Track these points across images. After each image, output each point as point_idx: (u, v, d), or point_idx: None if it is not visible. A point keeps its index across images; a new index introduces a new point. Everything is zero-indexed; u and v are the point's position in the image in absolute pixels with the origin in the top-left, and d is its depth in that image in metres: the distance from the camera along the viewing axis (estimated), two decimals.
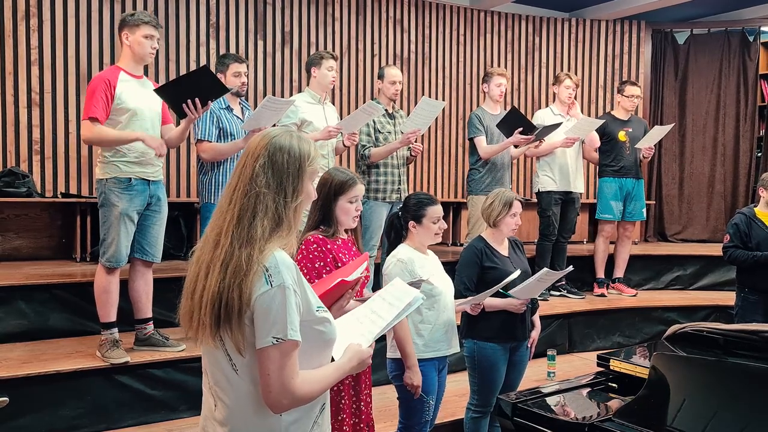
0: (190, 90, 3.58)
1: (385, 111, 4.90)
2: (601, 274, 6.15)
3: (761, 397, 2.13)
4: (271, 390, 1.56)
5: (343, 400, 2.66)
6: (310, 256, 2.62)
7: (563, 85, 5.79)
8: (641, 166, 6.05)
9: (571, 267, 3.82)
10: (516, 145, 5.36)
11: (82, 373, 3.60)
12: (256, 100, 6.26)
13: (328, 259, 2.63)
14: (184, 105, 3.56)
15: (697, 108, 8.25)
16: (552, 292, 5.94)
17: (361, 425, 2.74)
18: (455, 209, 7.15)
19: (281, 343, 1.55)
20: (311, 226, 2.72)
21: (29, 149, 5.52)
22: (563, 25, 8.07)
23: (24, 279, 4.27)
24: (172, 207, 4.73)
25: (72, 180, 5.67)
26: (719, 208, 8.20)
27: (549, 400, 2.68)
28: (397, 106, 5.17)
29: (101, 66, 5.72)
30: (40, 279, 4.32)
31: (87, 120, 3.59)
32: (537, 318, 3.62)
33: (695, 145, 8.28)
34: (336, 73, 4.69)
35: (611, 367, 2.90)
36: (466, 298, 3.27)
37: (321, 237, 2.67)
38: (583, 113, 6.27)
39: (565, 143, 5.55)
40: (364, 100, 6.94)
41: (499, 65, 7.65)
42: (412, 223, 3.13)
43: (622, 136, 5.94)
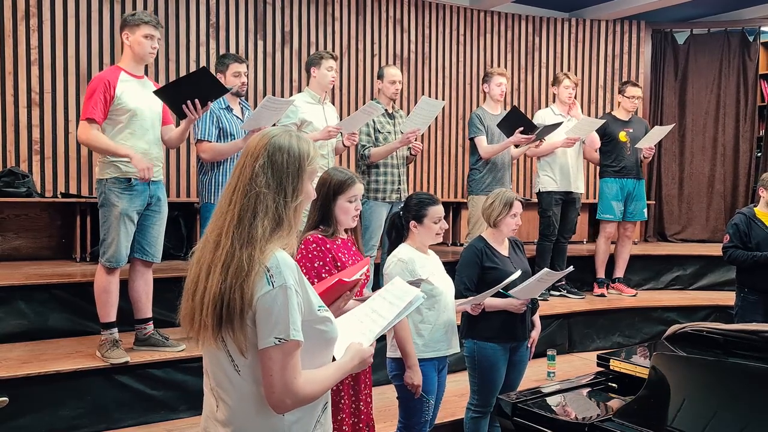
0: (189, 91, 3.59)
1: (385, 111, 4.89)
2: (601, 274, 6.15)
3: (761, 397, 2.13)
4: (274, 390, 1.56)
5: (342, 400, 2.66)
6: (310, 255, 2.62)
7: (562, 85, 5.79)
8: (642, 166, 6.05)
9: (571, 267, 3.82)
10: (517, 145, 5.37)
11: (82, 373, 3.60)
12: (256, 100, 6.25)
13: (328, 259, 2.63)
14: (183, 106, 3.58)
15: (696, 108, 8.25)
16: (552, 292, 5.94)
17: (361, 425, 2.73)
18: (455, 209, 7.15)
19: (284, 343, 1.54)
20: (311, 226, 2.72)
21: (29, 149, 5.52)
22: (563, 25, 8.07)
23: (24, 279, 4.27)
24: (172, 207, 4.73)
25: (72, 180, 5.67)
26: (719, 208, 8.20)
27: (549, 400, 2.68)
28: (396, 106, 5.17)
29: (101, 66, 5.72)
30: (39, 279, 4.32)
31: (84, 121, 3.59)
32: (537, 318, 3.62)
33: (695, 145, 8.28)
34: (336, 73, 4.70)
35: (611, 367, 2.90)
36: (467, 298, 3.27)
37: (320, 237, 2.66)
38: (583, 113, 6.27)
39: (566, 143, 5.55)
40: (364, 100, 6.94)
41: (499, 65, 7.65)
42: (413, 222, 3.12)
43: (622, 136, 5.94)
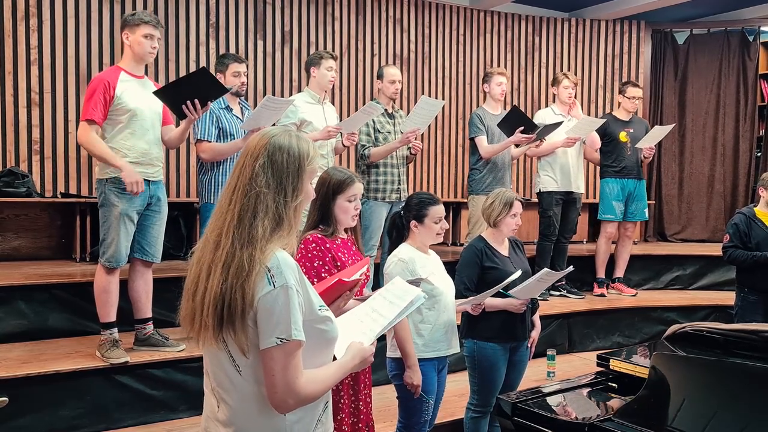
0: (189, 91, 3.59)
1: (385, 111, 4.89)
2: (601, 274, 6.15)
3: (761, 397, 2.13)
4: (276, 390, 1.56)
5: (342, 400, 2.66)
6: (309, 255, 2.62)
7: (562, 85, 5.79)
8: (642, 166, 6.05)
9: (571, 267, 3.82)
10: (517, 145, 5.37)
11: (82, 373, 3.60)
12: (256, 99, 6.25)
13: (327, 259, 2.63)
14: (183, 106, 3.58)
15: (696, 108, 8.25)
16: (552, 292, 5.94)
17: (360, 425, 2.73)
18: (455, 209, 7.15)
19: (285, 343, 1.54)
20: (310, 226, 2.72)
21: (29, 149, 5.52)
22: (563, 25, 8.07)
23: (23, 279, 4.26)
24: (172, 207, 4.72)
25: (71, 180, 5.67)
26: (719, 207, 8.20)
27: (549, 400, 2.68)
28: (396, 105, 5.17)
29: (101, 66, 5.72)
30: (39, 279, 4.31)
31: (84, 122, 3.60)
32: (537, 318, 3.62)
33: (695, 145, 8.28)
34: (335, 73, 4.69)
35: (611, 367, 2.90)
36: (467, 298, 3.27)
37: (320, 236, 2.66)
38: (583, 113, 6.27)
39: (566, 143, 5.54)
40: (364, 100, 6.94)
41: (499, 65, 7.65)
42: (413, 222, 3.12)
43: (623, 136, 5.94)
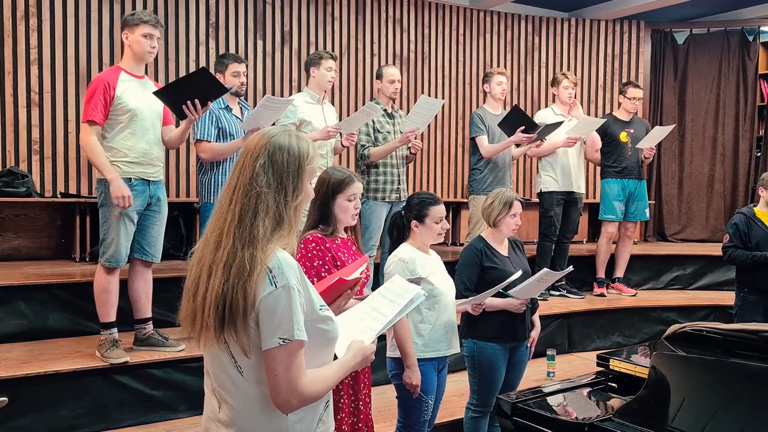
0: (189, 91, 3.59)
1: (384, 111, 4.89)
2: (601, 273, 6.15)
3: (761, 397, 2.13)
4: (279, 391, 1.56)
5: (342, 400, 2.66)
6: (309, 255, 2.62)
7: (562, 85, 5.79)
8: (642, 166, 6.05)
9: (571, 267, 3.82)
10: (518, 145, 5.36)
11: (82, 373, 3.60)
12: (256, 99, 6.25)
13: (327, 258, 2.63)
14: (183, 106, 3.57)
15: (696, 108, 8.25)
16: (552, 292, 5.94)
17: (360, 425, 2.73)
18: (455, 209, 7.15)
19: (288, 343, 1.54)
20: (310, 225, 2.72)
21: (28, 149, 5.52)
22: (563, 25, 8.07)
23: (23, 279, 4.26)
24: (172, 207, 4.72)
25: (71, 180, 5.67)
26: (719, 207, 8.20)
27: (549, 400, 2.68)
28: (396, 105, 5.17)
29: (101, 66, 5.72)
30: (39, 279, 4.31)
31: (85, 123, 3.60)
32: (537, 318, 3.62)
33: (695, 145, 8.28)
34: (335, 73, 4.69)
35: (611, 367, 2.90)
36: (466, 298, 3.27)
37: (320, 236, 2.66)
38: (583, 113, 6.26)
39: (567, 143, 5.54)
40: (364, 100, 6.94)
41: (498, 65, 7.65)
42: (414, 222, 3.12)
43: (623, 136, 5.94)
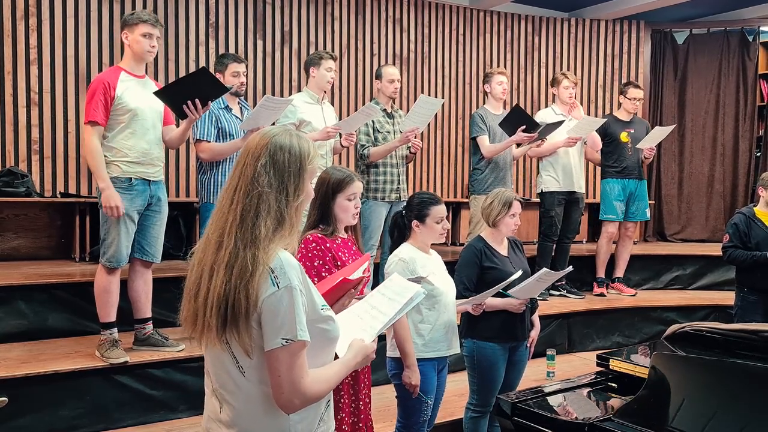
0: (189, 91, 3.58)
1: (384, 110, 4.89)
2: (601, 273, 6.14)
3: (761, 397, 2.13)
4: (282, 391, 1.56)
5: (342, 399, 2.66)
6: (310, 255, 2.62)
7: (562, 86, 5.78)
8: (642, 166, 6.05)
9: (570, 267, 3.82)
10: (518, 144, 5.36)
11: (82, 373, 3.60)
12: (255, 99, 6.25)
13: (327, 258, 2.64)
14: (184, 106, 3.57)
15: (696, 108, 8.25)
16: (552, 292, 5.93)
17: (360, 424, 2.74)
18: (455, 209, 7.15)
19: (291, 344, 1.54)
20: (310, 225, 2.72)
21: (28, 149, 5.52)
22: (563, 24, 8.07)
23: (23, 279, 4.26)
24: (172, 207, 4.70)
25: (71, 180, 5.67)
26: (718, 207, 8.20)
27: (549, 400, 2.68)
28: (396, 105, 5.17)
29: (101, 66, 5.72)
30: (39, 279, 4.31)
31: (87, 125, 3.60)
32: (536, 318, 3.62)
33: (694, 145, 8.28)
34: (334, 73, 4.69)
35: (611, 367, 2.90)
36: (466, 298, 3.27)
37: (320, 236, 2.67)
38: (584, 114, 6.26)
39: (567, 143, 5.54)
40: (363, 100, 6.94)
41: (498, 65, 7.65)
42: (415, 222, 3.12)
43: (624, 136, 5.94)
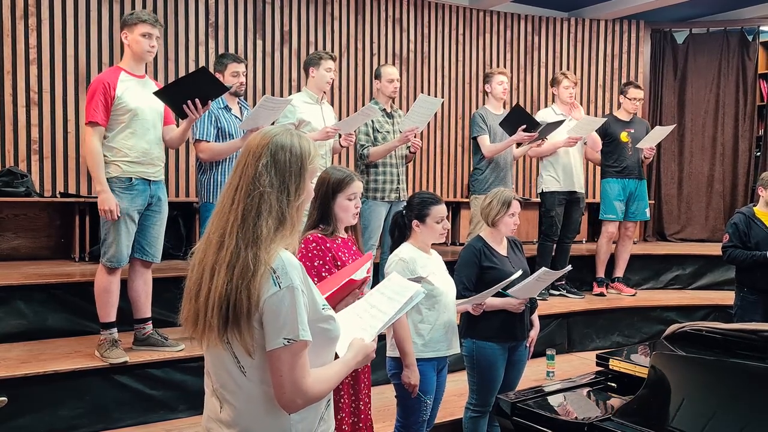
0: (189, 91, 3.58)
1: (384, 110, 4.89)
2: (601, 273, 6.14)
3: (761, 397, 2.13)
4: (284, 391, 1.56)
5: (342, 399, 2.66)
6: (310, 254, 2.62)
7: (562, 85, 5.78)
8: (642, 166, 6.05)
9: (569, 266, 3.82)
10: (519, 144, 5.36)
11: (81, 373, 3.60)
12: (255, 99, 6.25)
13: (328, 258, 2.64)
14: (184, 106, 3.57)
15: (696, 107, 8.25)
16: (551, 292, 5.93)
17: (360, 424, 2.74)
18: (455, 209, 7.15)
19: (293, 344, 1.54)
20: (310, 225, 2.72)
21: (28, 149, 5.52)
22: (562, 24, 8.07)
23: (23, 279, 4.26)
24: (171, 207, 4.70)
25: (71, 179, 5.67)
26: (718, 207, 8.20)
27: (548, 400, 2.68)
28: (395, 105, 5.17)
29: (100, 66, 5.72)
30: (38, 279, 4.31)
31: (88, 125, 3.60)
32: (536, 317, 3.61)
33: (694, 145, 8.27)
34: (334, 73, 4.69)
35: (610, 367, 2.90)
36: (466, 297, 3.27)
37: (320, 236, 2.67)
38: (584, 114, 6.26)
39: (568, 143, 5.54)
40: (363, 99, 6.94)
41: (498, 65, 7.65)
42: (415, 222, 3.12)
43: (624, 136, 5.93)
